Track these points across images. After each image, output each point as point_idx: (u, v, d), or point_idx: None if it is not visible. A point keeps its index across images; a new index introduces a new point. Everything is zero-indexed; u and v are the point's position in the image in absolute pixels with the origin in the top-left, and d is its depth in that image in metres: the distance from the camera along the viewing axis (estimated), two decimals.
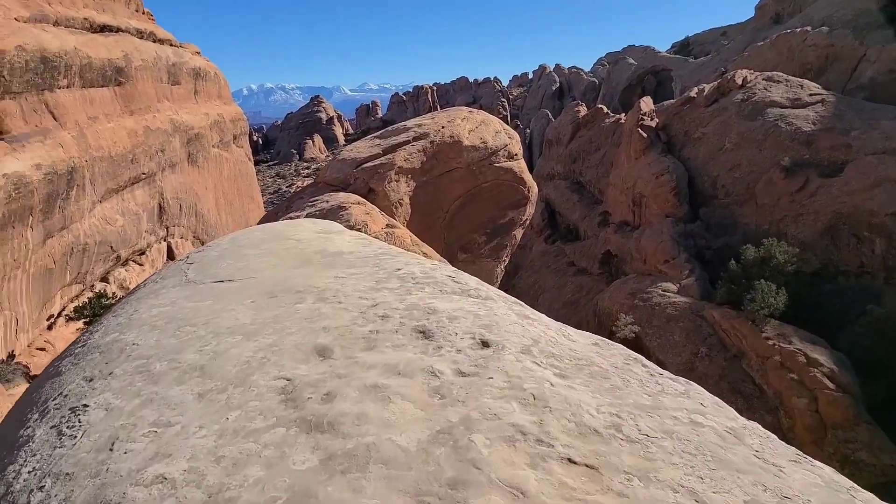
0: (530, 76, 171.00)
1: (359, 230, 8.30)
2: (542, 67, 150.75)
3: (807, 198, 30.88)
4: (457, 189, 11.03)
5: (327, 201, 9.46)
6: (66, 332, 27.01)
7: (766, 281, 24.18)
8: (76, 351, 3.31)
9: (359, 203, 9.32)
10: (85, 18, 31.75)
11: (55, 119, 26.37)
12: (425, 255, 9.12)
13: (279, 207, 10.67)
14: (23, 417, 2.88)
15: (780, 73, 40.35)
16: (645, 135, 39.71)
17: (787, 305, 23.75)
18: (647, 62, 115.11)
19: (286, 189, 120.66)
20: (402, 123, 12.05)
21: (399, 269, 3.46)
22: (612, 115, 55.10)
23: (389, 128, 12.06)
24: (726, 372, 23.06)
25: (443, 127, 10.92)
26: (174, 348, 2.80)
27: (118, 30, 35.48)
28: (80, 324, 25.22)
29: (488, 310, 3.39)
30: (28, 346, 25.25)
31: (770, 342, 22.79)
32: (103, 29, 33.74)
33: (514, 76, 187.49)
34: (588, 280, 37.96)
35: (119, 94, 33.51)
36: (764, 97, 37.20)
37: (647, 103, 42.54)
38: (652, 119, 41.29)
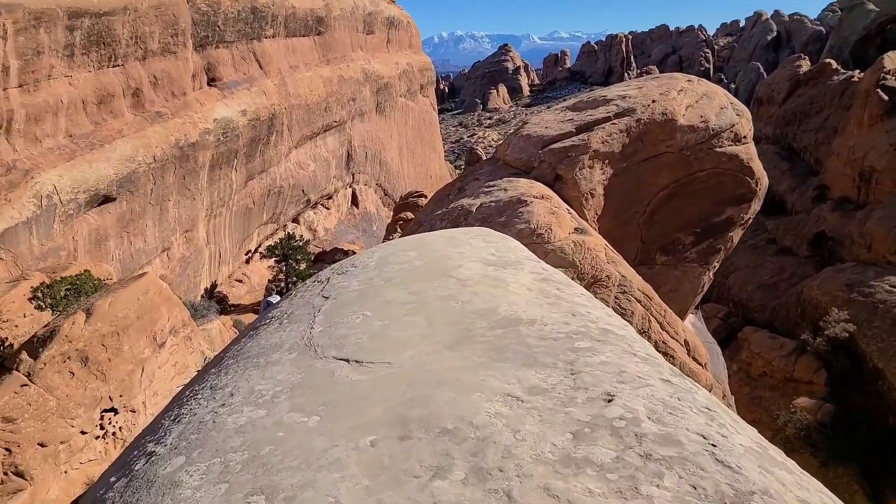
0: (742, 24, 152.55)
1: (541, 235, 7.30)
2: (758, 14, 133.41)
3: None
4: (663, 178, 8.95)
5: (506, 189, 8.12)
6: (261, 267, 29.44)
7: None
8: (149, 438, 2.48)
9: (542, 198, 7.92)
10: None
11: (261, 67, 28.08)
12: (624, 277, 7.46)
13: (451, 187, 9.55)
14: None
15: None
16: (886, 97, 32.93)
17: None
18: (890, 8, 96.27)
19: (468, 139, 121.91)
20: (602, 92, 9.99)
21: (610, 399, 2.05)
22: (842, 71, 46.75)
23: (584, 97, 10.14)
24: None
25: (653, 101, 8.78)
26: None
27: None
28: (271, 261, 27.22)
29: None
30: (228, 277, 27.92)
31: None
32: None
33: (723, 24, 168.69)
34: (792, 262, 33.05)
35: (318, 42, 34.97)
36: None
37: (893, 59, 35.17)
38: None
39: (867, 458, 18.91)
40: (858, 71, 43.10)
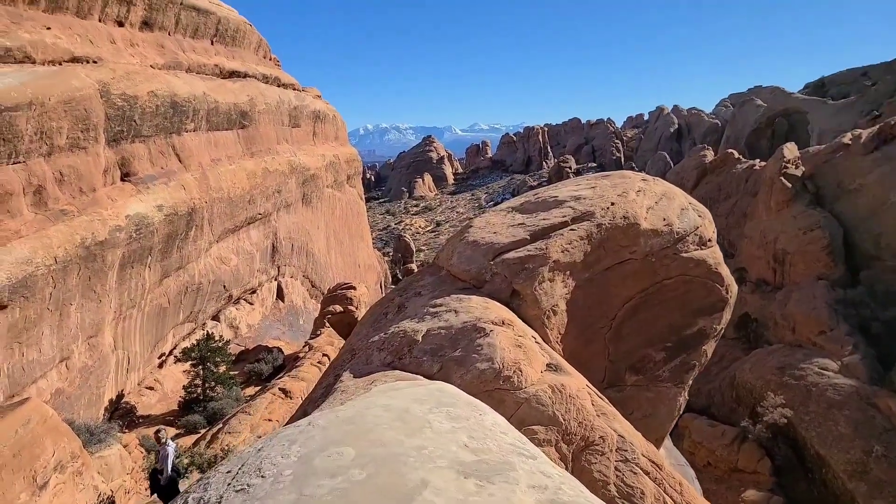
0: (646, 117, 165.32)
1: (509, 379, 5.99)
2: (660, 108, 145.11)
3: None
4: (629, 288, 8.10)
5: (456, 311, 6.89)
6: (176, 372, 27.10)
7: None
8: None
9: (503, 324, 6.68)
10: (216, 65, 33.01)
11: (180, 161, 27.01)
12: (622, 439, 6.03)
13: (389, 302, 8.23)
14: None
15: None
16: (789, 184, 35.49)
17: None
18: (776, 104, 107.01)
19: (395, 226, 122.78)
20: (551, 192, 9.13)
21: None
22: (744, 160, 50.58)
23: (532, 197, 9.21)
24: None
25: (612, 203, 8.18)
26: None
27: (246, 75, 36.76)
28: (186, 365, 25.11)
29: None
30: (138, 385, 25.43)
31: None
32: (232, 74, 34.99)
33: (629, 117, 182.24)
34: (721, 344, 33.72)
35: (242, 136, 34.39)
36: None
37: (791, 149, 38.23)
38: (797, 167, 36.95)
39: None
40: (759, 160, 46.65)
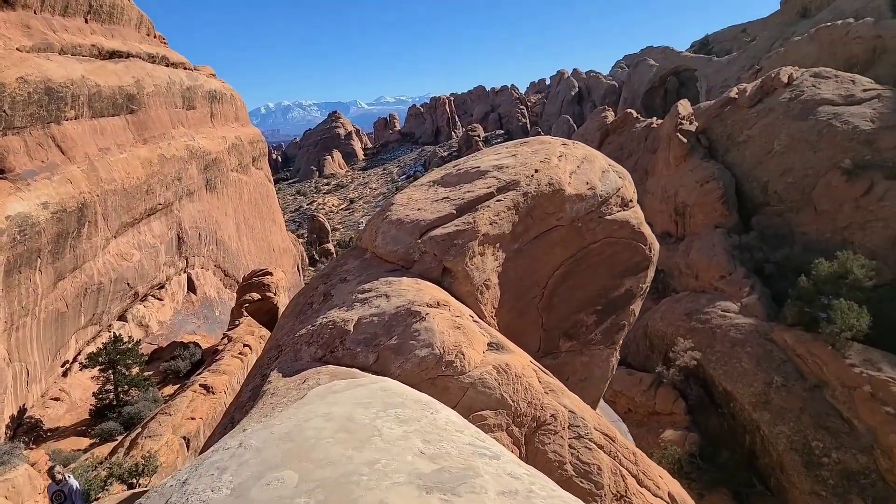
0: (548, 82, 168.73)
1: (451, 364, 5.58)
2: (560, 73, 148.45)
3: (874, 202, 28.19)
4: (557, 255, 8.03)
5: (387, 296, 6.48)
6: (83, 379, 25.37)
7: (845, 299, 21.68)
8: None
9: (438, 305, 6.29)
10: (93, 45, 30.36)
11: (63, 153, 24.85)
12: (573, 414, 6.12)
13: (313, 291, 7.56)
14: None
15: (828, 69, 37.74)
16: (685, 140, 37.31)
17: (870, 326, 21.24)
18: (667, 63, 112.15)
19: (307, 206, 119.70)
20: (471, 162, 8.68)
21: None
22: (642, 119, 52.70)
23: (452, 169, 8.91)
24: (808, 405, 20.52)
25: (536, 171, 8.06)
26: None
27: (128, 55, 34.12)
28: (94, 371, 23.54)
29: None
30: (42, 397, 23.62)
31: (857, 370, 20.26)
32: (113, 55, 32.37)
33: (532, 83, 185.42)
34: None
35: (132, 122, 32.05)
36: (813, 95, 34.58)
37: (684, 106, 40.10)
38: (691, 123, 38.89)
39: (735, 480, 20.00)
40: (655, 118, 48.71)
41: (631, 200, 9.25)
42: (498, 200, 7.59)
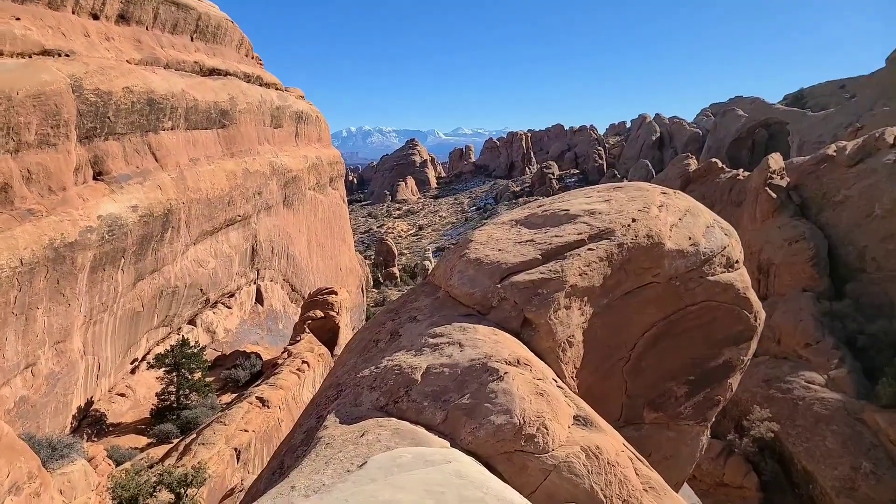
0: (628, 125, 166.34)
1: (532, 438, 4.78)
2: (642, 117, 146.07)
3: None
4: (650, 314, 7.12)
5: (461, 345, 5.84)
6: (149, 378, 26.13)
7: None
8: None
9: (519, 363, 5.56)
10: (195, 62, 32.09)
11: (157, 160, 26.10)
12: None
13: (380, 327, 6.91)
14: None
15: None
16: (774, 195, 35.44)
17: None
18: (757, 114, 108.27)
19: (377, 229, 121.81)
20: (559, 204, 7.85)
21: None
22: (727, 170, 50.68)
23: (537, 209, 7.95)
24: None
25: (633, 220, 7.41)
26: None
27: (227, 73, 35.87)
28: (160, 371, 24.18)
29: None
30: (109, 391, 24.44)
31: None
32: (212, 72, 34.09)
33: (611, 125, 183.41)
34: None
35: (222, 136, 33.49)
36: None
37: (776, 160, 38.23)
38: (782, 178, 36.98)
39: None
40: (742, 170, 46.78)
41: (737, 262, 8.36)
42: (589, 249, 6.81)
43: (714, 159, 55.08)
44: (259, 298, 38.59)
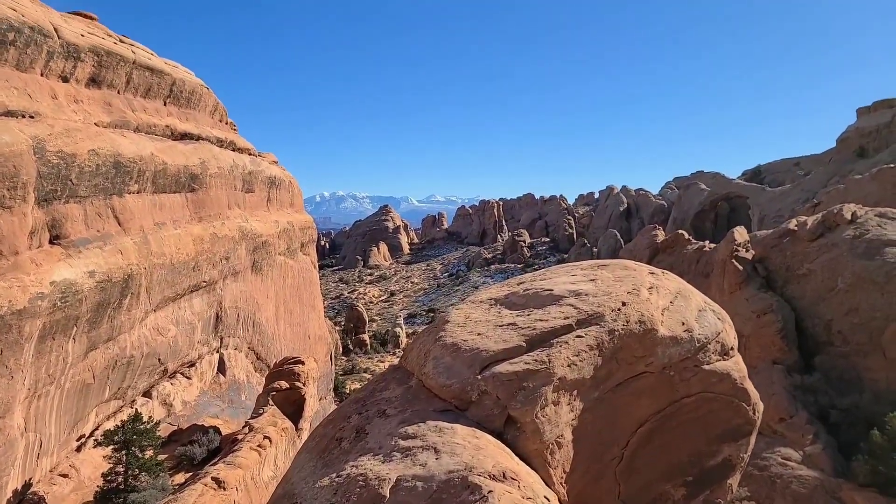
0: (596, 195, 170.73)
1: None
2: (610, 188, 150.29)
3: None
4: (643, 408, 6.78)
5: (436, 450, 5.07)
6: (96, 456, 24.41)
7: None
8: None
9: (504, 478, 4.78)
10: (167, 126, 31.87)
11: (119, 224, 25.33)
12: None
13: (344, 422, 6.13)
14: None
15: (894, 210, 36.51)
16: (741, 267, 35.99)
17: None
18: (719, 188, 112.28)
19: (348, 294, 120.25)
20: (541, 283, 7.42)
21: None
22: (694, 241, 51.74)
23: (518, 287, 7.46)
24: None
25: (623, 304, 6.90)
26: None
27: (199, 138, 35.69)
28: (108, 449, 22.58)
29: None
30: (50, 472, 22.65)
31: None
32: (184, 136, 33.87)
33: (580, 195, 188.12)
34: None
35: (191, 200, 32.94)
36: (879, 235, 33.13)
37: (741, 233, 39.06)
38: (747, 251, 37.68)
39: None
40: (708, 241, 47.70)
41: (732, 349, 7.94)
42: (578, 336, 6.18)
43: (680, 231, 56.26)
44: (221, 368, 37.05)
